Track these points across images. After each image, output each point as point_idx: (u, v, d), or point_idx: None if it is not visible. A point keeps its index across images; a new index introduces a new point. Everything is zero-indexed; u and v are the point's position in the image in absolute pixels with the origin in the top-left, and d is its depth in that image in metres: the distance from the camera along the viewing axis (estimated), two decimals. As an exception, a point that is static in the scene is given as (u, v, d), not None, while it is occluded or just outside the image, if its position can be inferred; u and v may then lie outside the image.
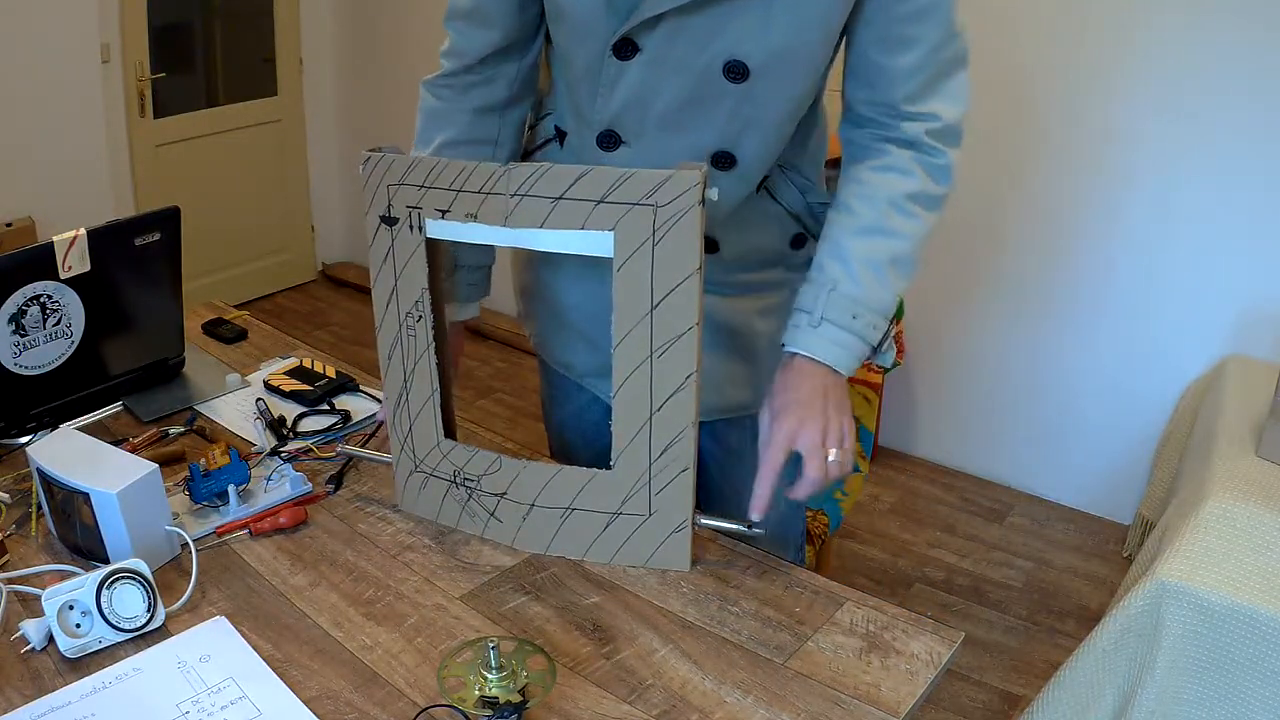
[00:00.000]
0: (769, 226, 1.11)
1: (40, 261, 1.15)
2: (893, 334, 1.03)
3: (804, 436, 0.95)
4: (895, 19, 0.94)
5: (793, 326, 0.99)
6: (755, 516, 0.96)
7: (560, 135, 1.12)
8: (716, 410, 1.15)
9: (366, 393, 1.36)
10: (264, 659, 0.85)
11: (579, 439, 1.28)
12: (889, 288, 0.99)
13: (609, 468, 0.97)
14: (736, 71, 0.94)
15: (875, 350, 1.01)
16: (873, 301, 0.98)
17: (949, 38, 0.96)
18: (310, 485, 1.12)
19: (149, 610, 0.88)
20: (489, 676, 0.80)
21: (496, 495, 1.02)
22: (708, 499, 1.29)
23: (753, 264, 1.12)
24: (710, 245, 1.07)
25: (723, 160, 1.01)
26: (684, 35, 0.93)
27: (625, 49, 0.95)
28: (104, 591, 0.86)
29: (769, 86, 0.96)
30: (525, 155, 1.19)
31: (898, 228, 0.99)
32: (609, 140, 1.03)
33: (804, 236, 1.13)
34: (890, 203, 0.99)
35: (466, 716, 0.78)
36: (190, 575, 0.94)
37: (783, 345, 1.00)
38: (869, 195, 1.00)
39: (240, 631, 0.89)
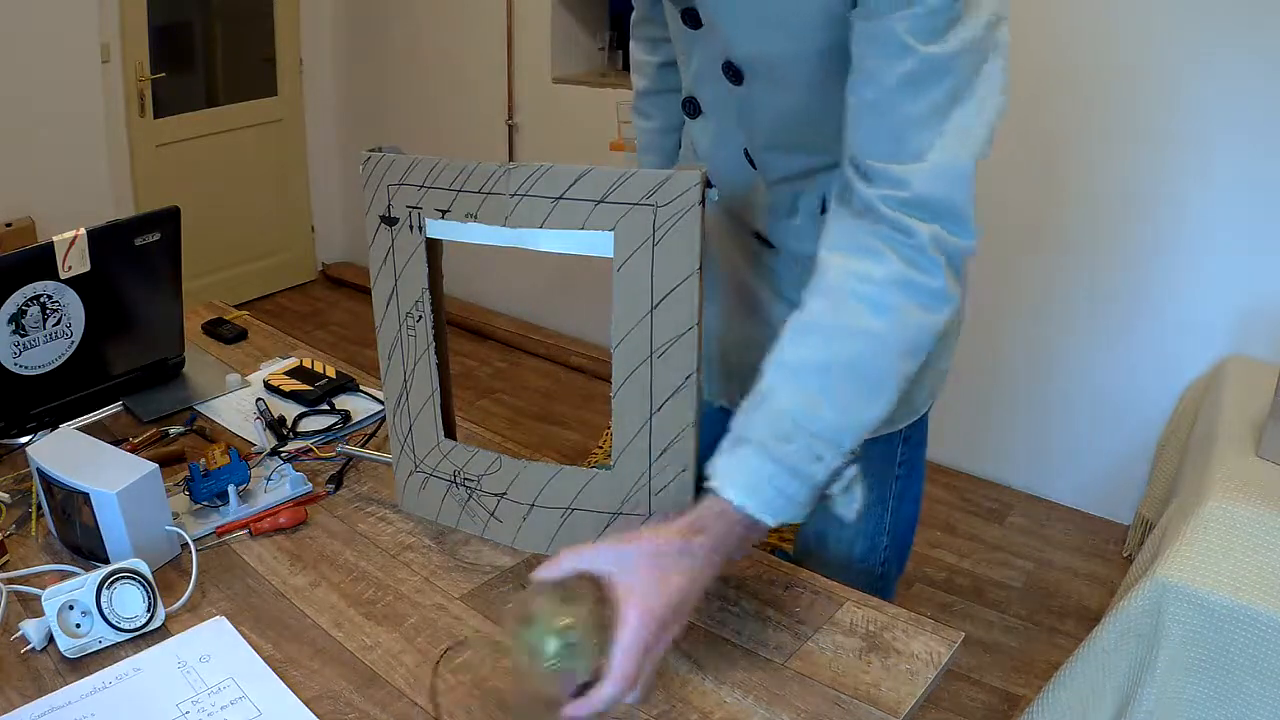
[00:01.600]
0: None
1: (40, 261, 1.15)
2: (852, 475, 0.79)
3: (660, 646, 0.73)
4: (859, 41, 0.77)
5: (716, 452, 0.79)
6: None
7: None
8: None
9: (366, 393, 1.36)
10: (264, 659, 0.85)
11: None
12: (838, 407, 0.75)
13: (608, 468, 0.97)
14: (732, 72, 0.93)
15: (822, 491, 0.78)
16: (811, 422, 0.75)
17: (919, 75, 0.74)
18: (310, 485, 1.12)
19: (149, 610, 0.88)
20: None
21: (496, 495, 1.02)
22: None
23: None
24: (765, 242, 1.05)
25: (747, 156, 0.99)
26: (720, 19, 0.90)
27: (689, 17, 0.95)
28: (104, 591, 0.86)
29: (759, 92, 0.92)
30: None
31: (856, 323, 0.76)
32: (690, 107, 1.03)
33: None
34: (848, 292, 0.77)
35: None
36: (190, 575, 0.94)
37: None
38: (821, 285, 0.79)
39: (240, 631, 0.89)
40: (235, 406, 1.32)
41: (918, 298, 0.77)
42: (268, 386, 1.36)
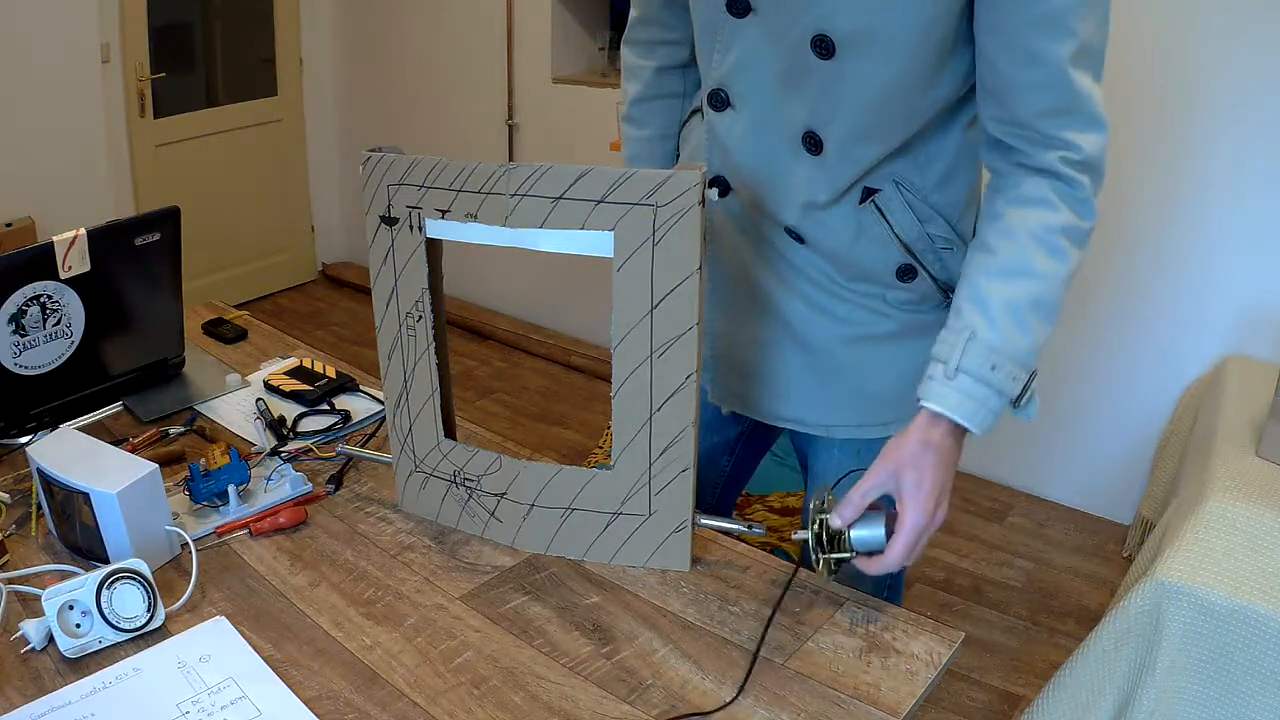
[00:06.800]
0: (871, 247, 1.03)
1: (40, 261, 1.15)
2: (1034, 385, 0.97)
3: (936, 519, 0.95)
4: (1020, 26, 0.86)
5: (927, 377, 0.94)
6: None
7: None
8: (774, 417, 1.13)
9: (366, 393, 1.36)
10: (264, 659, 0.85)
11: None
12: (1030, 335, 0.93)
13: (609, 469, 0.97)
14: (823, 46, 0.90)
15: (1014, 403, 0.96)
16: (1012, 350, 0.92)
17: (1081, 52, 0.87)
18: (310, 485, 1.12)
19: (149, 610, 0.88)
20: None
21: (496, 495, 1.02)
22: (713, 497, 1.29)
23: (845, 277, 1.06)
24: (796, 237, 1.04)
25: (811, 142, 0.97)
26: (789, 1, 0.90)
27: (738, 6, 0.94)
28: (104, 591, 0.86)
29: (853, 66, 0.90)
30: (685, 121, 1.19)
31: (1040, 268, 0.92)
32: (717, 100, 1.02)
33: (913, 269, 1.04)
34: (1033, 238, 0.92)
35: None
36: (190, 575, 0.94)
37: (917, 399, 0.94)
38: (1008, 231, 0.93)
39: (240, 631, 0.89)
40: (235, 406, 1.32)
41: (1079, 240, 0.93)
42: (268, 386, 1.36)
